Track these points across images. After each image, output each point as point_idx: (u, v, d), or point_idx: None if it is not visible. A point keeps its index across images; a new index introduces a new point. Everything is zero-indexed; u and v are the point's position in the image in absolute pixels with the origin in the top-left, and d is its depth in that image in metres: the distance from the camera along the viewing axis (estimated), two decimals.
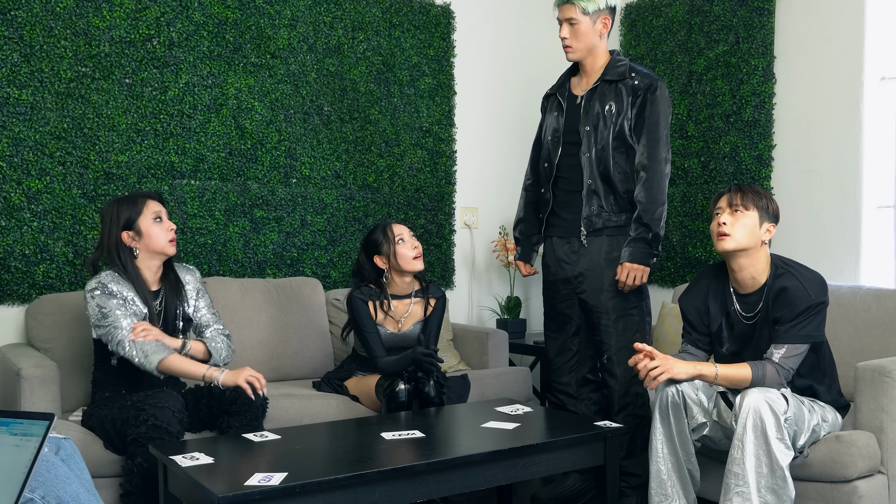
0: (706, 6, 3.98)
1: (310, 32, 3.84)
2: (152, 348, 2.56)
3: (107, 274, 2.65)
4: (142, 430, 2.39)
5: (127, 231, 2.67)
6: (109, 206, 2.71)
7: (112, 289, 2.61)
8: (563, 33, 2.99)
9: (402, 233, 3.12)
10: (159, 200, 2.76)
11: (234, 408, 2.62)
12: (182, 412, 2.49)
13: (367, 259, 3.15)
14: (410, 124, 4.16)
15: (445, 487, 2.26)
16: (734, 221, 2.48)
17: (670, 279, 4.13)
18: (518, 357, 4.39)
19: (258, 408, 2.65)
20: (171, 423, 2.41)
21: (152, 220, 2.68)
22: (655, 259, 2.93)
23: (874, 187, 3.47)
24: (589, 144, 2.96)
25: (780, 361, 2.41)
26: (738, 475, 2.31)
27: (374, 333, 3.06)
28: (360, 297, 3.08)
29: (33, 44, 3.18)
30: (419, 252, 3.12)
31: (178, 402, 2.49)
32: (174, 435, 2.41)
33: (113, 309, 2.58)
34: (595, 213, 2.98)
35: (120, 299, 2.61)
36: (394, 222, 3.17)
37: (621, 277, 2.92)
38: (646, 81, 2.94)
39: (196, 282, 2.87)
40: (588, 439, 2.53)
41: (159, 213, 2.71)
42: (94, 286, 2.61)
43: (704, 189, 3.98)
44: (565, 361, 3.17)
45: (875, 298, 3.01)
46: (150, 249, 2.69)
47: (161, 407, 2.42)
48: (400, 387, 2.87)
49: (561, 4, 2.99)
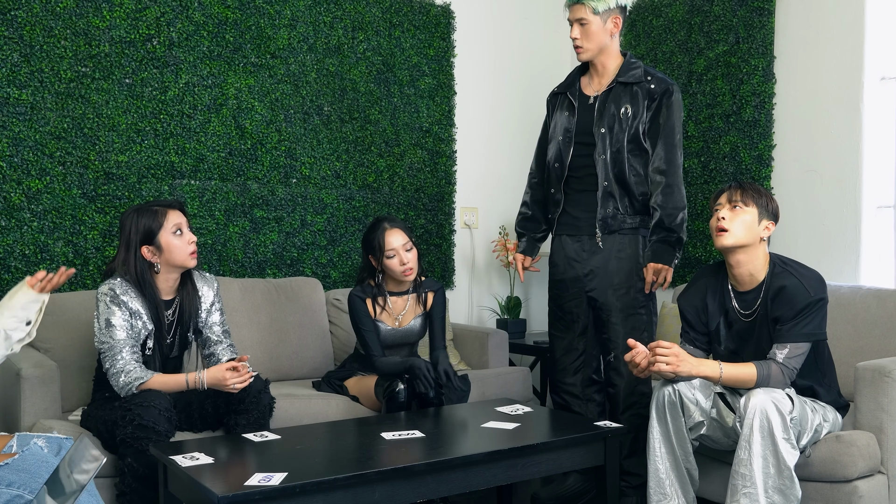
0: (706, 6, 3.98)
1: (310, 32, 3.84)
2: (137, 374, 2.52)
3: (120, 281, 2.60)
4: (129, 431, 2.37)
5: (147, 246, 2.61)
6: (129, 216, 2.63)
7: (122, 299, 2.57)
8: (574, 34, 2.98)
9: (396, 247, 3.03)
10: (181, 210, 2.68)
11: (243, 406, 2.61)
12: (170, 410, 2.45)
13: (364, 255, 3.15)
14: (410, 124, 4.16)
15: (445, 487, 2.26)
16: (733, 217, 2.49)
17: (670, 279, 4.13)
18: (518, 357, 4.39)
19: (265, 406, 2.64)
20: (157, 421, 2.38)
21: (172, 234, 2.61)
22: (677, 261, 2.95)
23: (874, 187, 3.47)
24: (604, 146, 2.96)
25: (783, 361, 2.41)
26: (746, 476, 2.31)
27: (371, 332, 3.06)
28: (358, 295, 3.08)
29: (33, 44, 3.18)
30: (409, 267, 3.04)
31: (165, 400, 2.46)
32: (162, 434, 2.39)
33: (117, 324, 2.55)
34: (611, 215, 2.99)
35: (126, 311, 2.58)
36: (391, 228, 3.05)
37: (648, 278, 2.93)
38: (662, 86, 2.94)
39: (213, 293, 2.81)
40: (588, 439, 2.53)
41: (180, 225, 2.63)
42: (105, 291, 2.58)
43: (704, 189, 3.97)
44: (571, 361, 3.17)
45: (875, 298, 3.01)
46: (171, 264, 2.64)
47: (147, 406, 2.40)
48: (399, 387, 2.87)
49: (571, 5, 2.98)
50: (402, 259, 3.04)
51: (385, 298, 3.11)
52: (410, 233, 3.13)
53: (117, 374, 2.52)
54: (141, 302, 2.61)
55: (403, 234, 3.07)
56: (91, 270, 3.29)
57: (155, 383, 2.53)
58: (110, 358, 2.55)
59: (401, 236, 3.05)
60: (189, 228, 2.67)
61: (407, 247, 3.05)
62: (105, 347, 2.56)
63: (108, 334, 2.55)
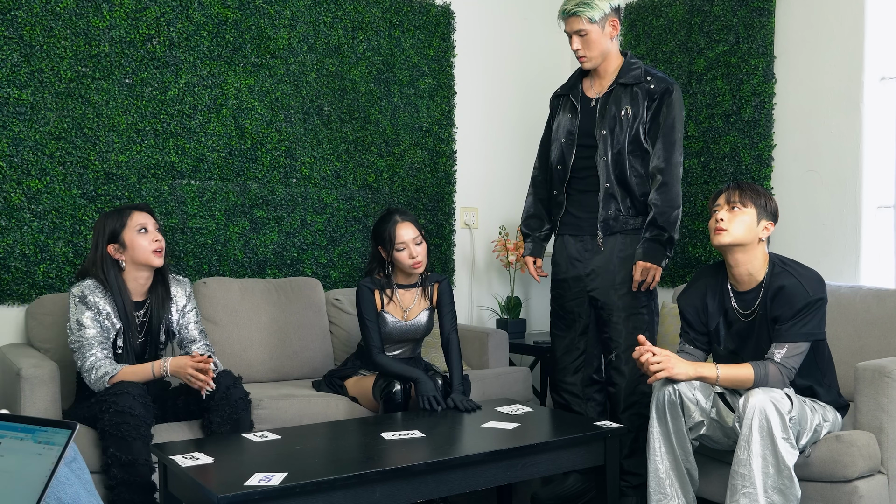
0: (706, 6, 3.98)
1: (310, 32, 3.84)
2: (106, 368, 2.58)
3: (89, 283, 2.68)
4: (106, 419, 2.43)
5: (112, 244, 2.70)
6: (99, 219, 2.76)
7: (90, 300, 2.65)
8: (575, 45, 2.98)
9: (406, 241, 3.03)
10: (147, 211, 2.77)
11: (213, 403, 2.64)
12: (145, 396, 2.50)
13: (374, 246, 3.15)
14: (410, 124, 4.16)
15: (445, 487, 2.26)
16: (732, 217, 2.50)
17: (670, 279, 4.13)
18: (518, 357, 4.39)
19: (237, 401, 2.66)
20: (133, 406, 2.43)
21: (136, 232, 2.69)
22: (667, 261, 2.94)
23: (874, 187, 3.47)
24: (605, 148, 2.96)
25: (782, 361, 2.41)
26: (745, 476, 2.31)
27: (374, 323, 3.05)
28: (366, 286, 3.08)
29: (33, 44, 3.18)
30: (419, 261, 3.04)
31: (138, 387, 2.52)
32: (140, 418, 2.43)
33: (87, 323, 2.62)
34: (612, 216, 2.99)
35: (95, 311, 2.65)
36: (402, 221, 3.05)
37: (637, 276, 2.93)
38: (662, 86, 2.94)
39: (185, 295, 2.87)
40: (588, 439, 2.53)
41: (144, 224, 2.71)
42: (75, 293, 2.67)
43: (704, 189, 3.98)
44: (572, 360, 3.17)
45: (875, 298, 3.01)
46: (136, 261, 2.71)
47: (121, 394, 2.45)
48: (396, 388, 2.87)
49: (566, 18, 2.97)
50: (411, 252, 3.04)
51: (393, 290, 3.12)
52: (421, 226, 3.11)
53: (89, 371, 2.59)
54: (109, 301, 2.68)
55: (414, 228, 3.06)
56: None
57: (124, 375, 2.59)
58: (81, 356, 2.62)
59: (411, 229, 3.05)
60: (157, 229, 2.75)
61: (417, 240, 3.05)
62: (76, 346, 2.63)
63: (79, 333, 2.63)
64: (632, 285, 2.97)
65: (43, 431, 1.50)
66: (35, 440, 1.50)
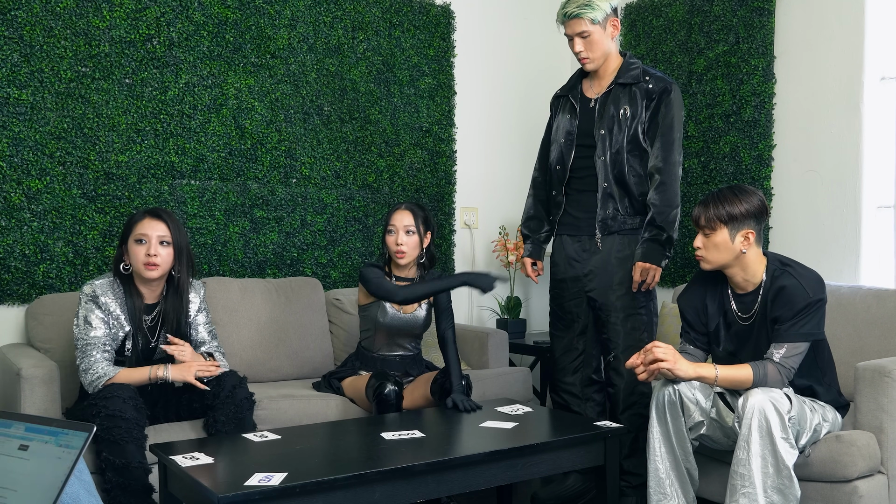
0: (706, 6, 3.98)
1: (310, 32, 3.84)
2: (101, 371, 2.57)
3: (103, 282, 2.67)
4: (97, 423, 2.40)
5: (123, 245, 2.72)
6: None
7: (101, 300, 2.64)
8: (578, 48, 2.98)
9: (396, 225, 3.06)
10: (158, 219, 2.68)
11: (218, 402, 2.64)
12: (135, 399, 2.48)
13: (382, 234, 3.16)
14: (410, 124, 4.16)
15: (445, 487, 2.26)
16: (707, 243, 2.51)
17: (670, 279, 4.13)
18: (518, 357, 4.39)
19: (241, 401, 2.66)
20: (123, 409, 2.42)
21: (135, 241, 2.67)
22: (667, 261, 2.94)
23: (874, 187, 3.47)
24: (604, 148, 2.97)
25: (780, 361, 2.41)
26: (744, 476, 2.31)
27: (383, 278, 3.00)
28: (369, 264, 3.10)
29: (33, 44, 3.18)
30: (402, 249, 3.04)
31: (129, 389, 2.49)
32: (131, 421, 2.42)
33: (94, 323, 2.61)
34: (610, 216, 2.99)
35: (105, 312, 2.64)
36: (401, 208, 3.09)
37: (636, 277, 2.93)
38: (660, 85, 2.94)
39: (198, 298, 2.86)
40: (588, 439, 2.53)
41: (144, 235, 2.66)
42: (87, 292, 2.65)
43: (704, 189, 3.98)
44: (570, 361, 3.17)
45: (875, 298, 3.01)
46: (134, 269, 2.70)
47: (110, 397, 2.44)
48: (388, 388, 2.85)
49: (568, 20, 2.97)
50: (398, 238, 3.05)
51: (391, 278, 3.12)
52: (422, 221, 3.10)
53: (84, 372, 2.59)
54: (120, 304, 2.67)
55: (410, 216, 3.07)
56: (91, 270, 3.29)
57: (120, 378, 2.57)
58: (81, 355, 2.61)
59: (407, 217, 3.07)
60: (162, 241, 2.67)
61: (408, 229, 3.05)
62: (80, 344, 2.62)
63: (85, 331, 2.62)
64: (630, 286, 2.97)
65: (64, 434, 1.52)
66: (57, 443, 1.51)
